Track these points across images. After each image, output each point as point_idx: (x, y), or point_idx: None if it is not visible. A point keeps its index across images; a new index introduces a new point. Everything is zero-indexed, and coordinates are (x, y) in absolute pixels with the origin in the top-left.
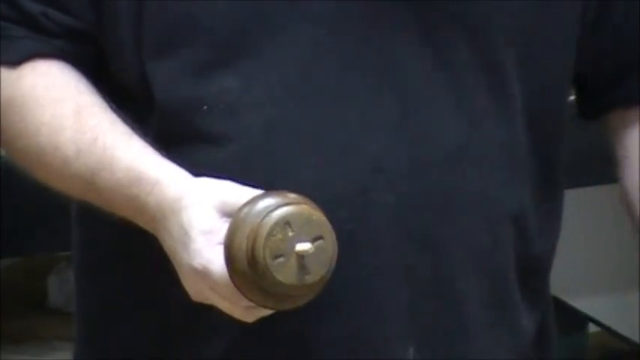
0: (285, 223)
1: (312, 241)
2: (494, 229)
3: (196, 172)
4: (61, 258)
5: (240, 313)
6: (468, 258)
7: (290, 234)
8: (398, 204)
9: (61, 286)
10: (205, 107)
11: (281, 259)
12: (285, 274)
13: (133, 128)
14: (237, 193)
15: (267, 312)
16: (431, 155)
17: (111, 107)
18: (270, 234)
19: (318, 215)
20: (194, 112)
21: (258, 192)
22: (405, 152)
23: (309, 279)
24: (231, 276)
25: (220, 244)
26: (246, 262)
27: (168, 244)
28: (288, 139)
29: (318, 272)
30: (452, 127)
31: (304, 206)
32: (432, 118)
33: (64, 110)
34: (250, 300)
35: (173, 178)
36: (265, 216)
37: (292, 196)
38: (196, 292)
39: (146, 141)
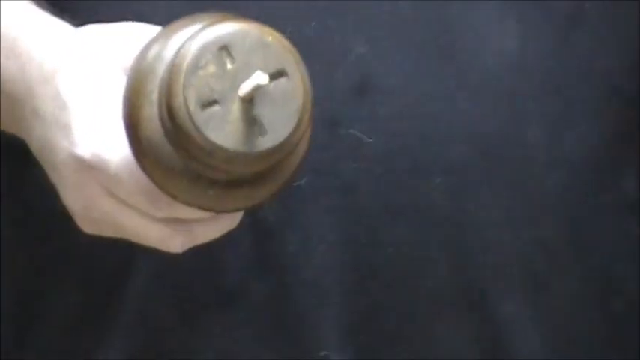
0: (221, 47)
1: (269, 78)
2: (536, 198)
3: None
4: None
5: (158, 234)
6: (495, 248)
7: (230, 66)
8: (389, 145)
9: None
10: None
11: (216, 108)
12: (224, 132)
13: None
14: (142, 34)
15: (204, 232)
16: (454, 77)
17: None
18: (195, 65)
19: (275, 37)
20: None
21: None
22: (411, 66)
23: (266, 142)
24: (137, 155)
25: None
26: (159, 123)
27: (37, 136)
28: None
29: (279, 130)
30: (498, 39)
31: (252, 24)
32: (467, 19)
33: None
34: (172, 196)
35: (44, 35)
36: (187, 41)
37: (230, 14)
38: (85, 207)
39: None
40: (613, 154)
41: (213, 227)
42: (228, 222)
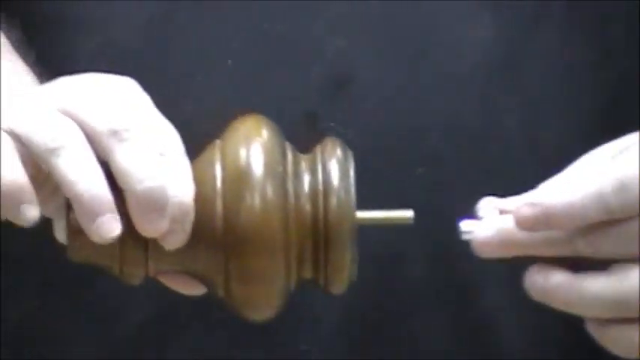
0: None
1: None
2: (513, 189)
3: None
4: None
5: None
6: None
7: None
8: (368, 139)
9: None
10: None
11: None
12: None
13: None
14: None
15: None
16: (430, 71)
17: None
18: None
19: None
20: None
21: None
22: (388, 60)
23: None
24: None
25: None
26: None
27: None
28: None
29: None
30: (473, 32)
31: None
32: (442, 13)
33: None
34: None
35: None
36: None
37: None
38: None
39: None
40: (582, 145)
41: None
42: None
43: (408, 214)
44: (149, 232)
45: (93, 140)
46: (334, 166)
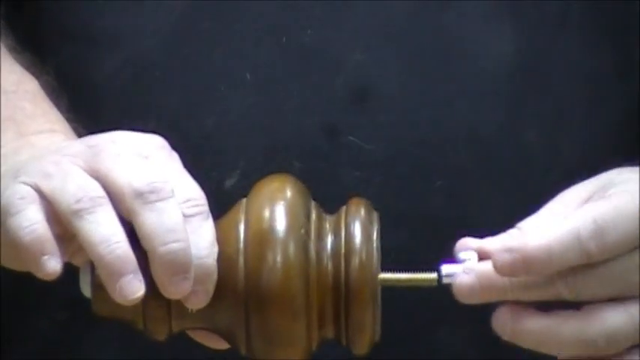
0: None
1: None
2: (535, 199)
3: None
4: None
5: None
6: None
7: None
8: (389, 151)
9: None
10: None
11: None
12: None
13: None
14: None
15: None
16: (452, 82)
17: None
18: None
19: None
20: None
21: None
22: (409, 72)
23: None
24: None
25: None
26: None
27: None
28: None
29: None
30: (494, 42)
31: None
32: (463, 24)
33: None
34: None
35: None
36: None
37: None
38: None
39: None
40: (606, 155)
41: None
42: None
43: (432, 276)
44: (172, 293)
45: (118, 201)
46: (357, 228)
